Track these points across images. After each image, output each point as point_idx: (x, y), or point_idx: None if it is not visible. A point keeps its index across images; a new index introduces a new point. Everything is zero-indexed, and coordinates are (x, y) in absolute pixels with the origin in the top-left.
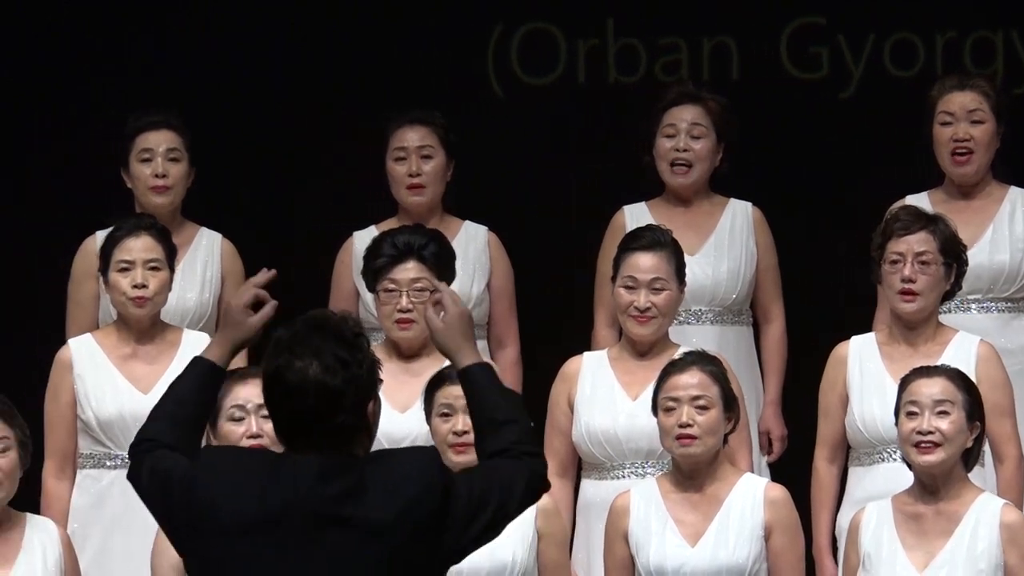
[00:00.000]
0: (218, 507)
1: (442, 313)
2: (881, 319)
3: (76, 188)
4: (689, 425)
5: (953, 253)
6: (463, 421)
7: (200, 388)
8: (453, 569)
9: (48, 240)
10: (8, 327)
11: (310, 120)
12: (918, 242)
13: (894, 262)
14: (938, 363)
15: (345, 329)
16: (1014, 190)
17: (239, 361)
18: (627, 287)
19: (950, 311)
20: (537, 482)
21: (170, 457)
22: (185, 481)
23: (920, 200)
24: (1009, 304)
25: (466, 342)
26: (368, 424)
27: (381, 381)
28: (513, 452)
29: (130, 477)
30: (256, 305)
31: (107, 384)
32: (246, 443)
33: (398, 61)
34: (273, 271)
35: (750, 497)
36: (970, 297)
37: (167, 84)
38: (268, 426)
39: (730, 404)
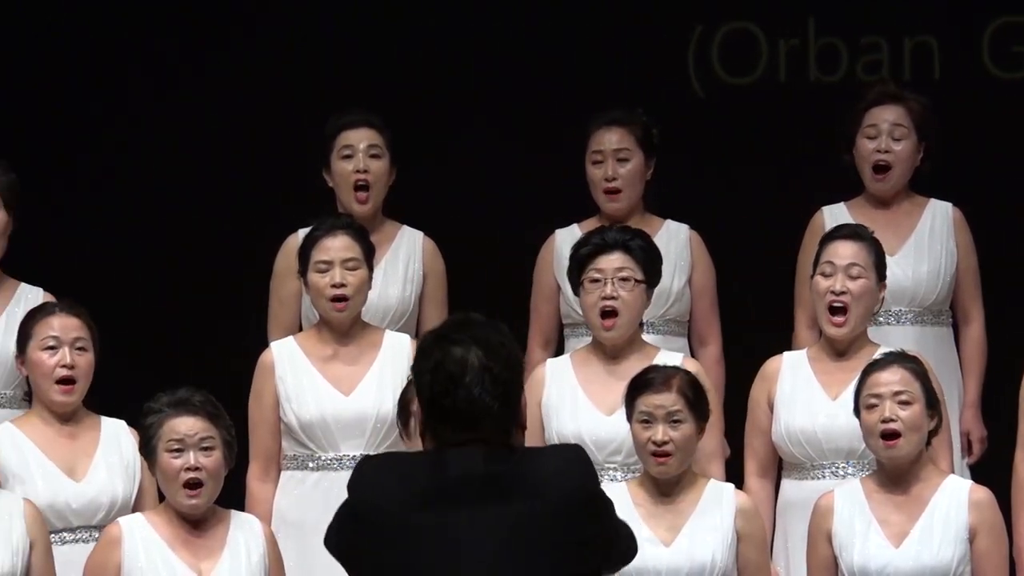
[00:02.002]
0: (377, 503)
1: None
2: None
3: (279, 187)
4: (892, 420)
5: None
6: (663, 431)
7: None
8: (650, 568)
9: (253, 240)
10: (216, 327)
11: (511, 118)
12: None
13: None
14: None
15: (490, 320)
16: None
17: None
18: (824, 274)
19: None
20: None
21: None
22: (342, 507)
23: None
24: None
25: None
26: (521, 417)
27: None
28: None
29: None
30: None
31: (308, 386)
32: None
33: (599, 61)
34: None
35: (955, 499)
36: None
37: (373, 84)
38: None
39: (932, 402)
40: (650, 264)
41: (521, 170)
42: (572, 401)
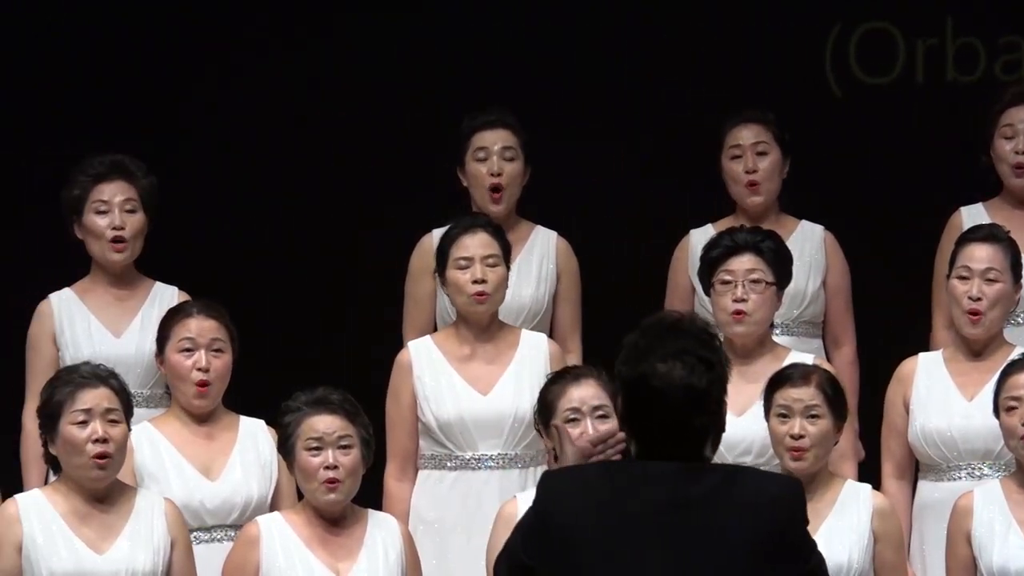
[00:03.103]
0: (566, 524)
1: None
2: None
3: (412, 186)
4: None
5: None
6: (800, 424)
7: None
8: None
9: (390, 239)
10: (352, 327)
11: (647, 117)
12: None
13: None
14: None
15: (698, 328)
16: None
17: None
18: (961, 277)
19: None
20: None
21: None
22: (528, 526)
23: None
24: None
25: None
26: (722, 423)
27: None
28: None
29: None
30: None
31: (446, 386)
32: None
33: (738, 60)
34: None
35: None
36: None
37: (507, 82)
38: (603, 427)
39: None
40: (780, 265)
41: (656, 169)
42: None
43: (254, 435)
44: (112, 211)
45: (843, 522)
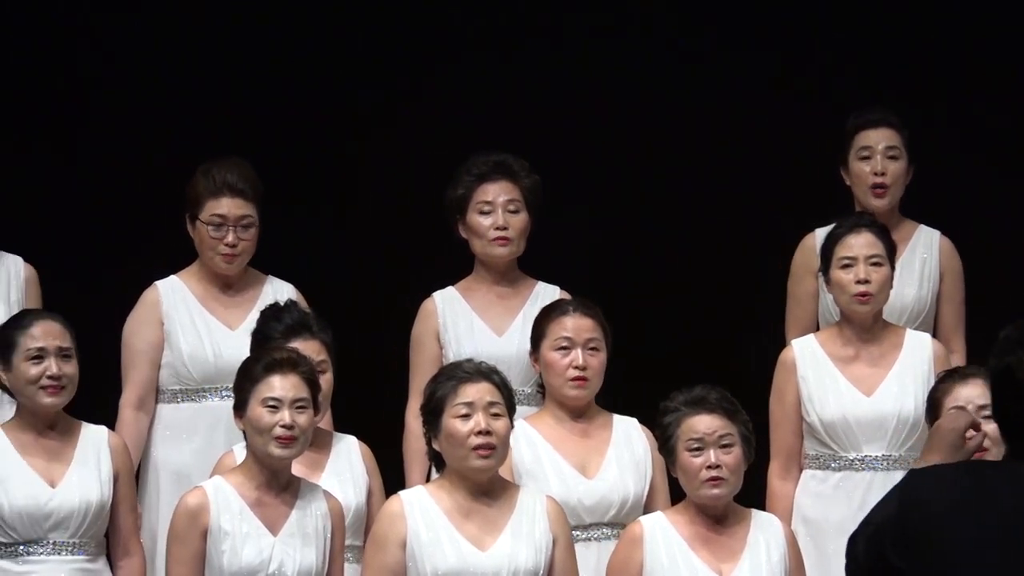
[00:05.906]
0: (938, 528)
1: None
2: None
3: (796, 185)
4: None
5: None
6: None
7: None
8: None
9: (771, 239)
10: (737, 324)
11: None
12: None
13: None
14: None
15: None
16: None
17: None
18: None
19: None
20: None
21: (879, 516)
22: (894, 520)
23: None
24: None
25: None
26: None
27: None
28: None
29: (847, 569)
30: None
31: (830, 386)
32: None
33: None
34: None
35: None
36: None
37: (887, 81)
38: (992, 427)
39: None
40: None
41: None
42: None
43: (628, 433)
44: (495, 211)
45: None
